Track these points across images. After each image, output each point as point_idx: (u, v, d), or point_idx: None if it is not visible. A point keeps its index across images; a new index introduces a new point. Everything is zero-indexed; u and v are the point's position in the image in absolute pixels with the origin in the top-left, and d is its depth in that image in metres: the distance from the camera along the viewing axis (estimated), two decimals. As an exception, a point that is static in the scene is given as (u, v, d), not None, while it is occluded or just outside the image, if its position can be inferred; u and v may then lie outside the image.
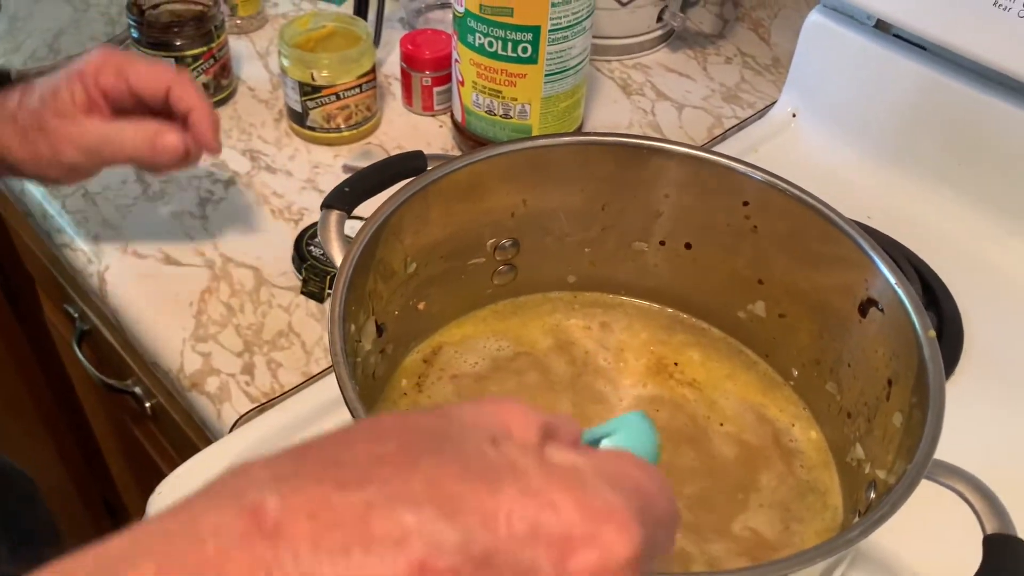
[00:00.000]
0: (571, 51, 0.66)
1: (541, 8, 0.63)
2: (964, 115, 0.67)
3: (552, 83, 0.67)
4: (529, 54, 0.65)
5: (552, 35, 0.64)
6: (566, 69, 0.67)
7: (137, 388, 0.75)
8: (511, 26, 0.63)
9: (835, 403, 0.49)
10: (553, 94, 0.68)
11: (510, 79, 0.66)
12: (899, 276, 0.43)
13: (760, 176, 0.48)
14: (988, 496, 0.37)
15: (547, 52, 0.65)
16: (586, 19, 0.66)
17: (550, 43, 0.65)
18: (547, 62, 0.66)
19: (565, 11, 0.64)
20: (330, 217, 0.46)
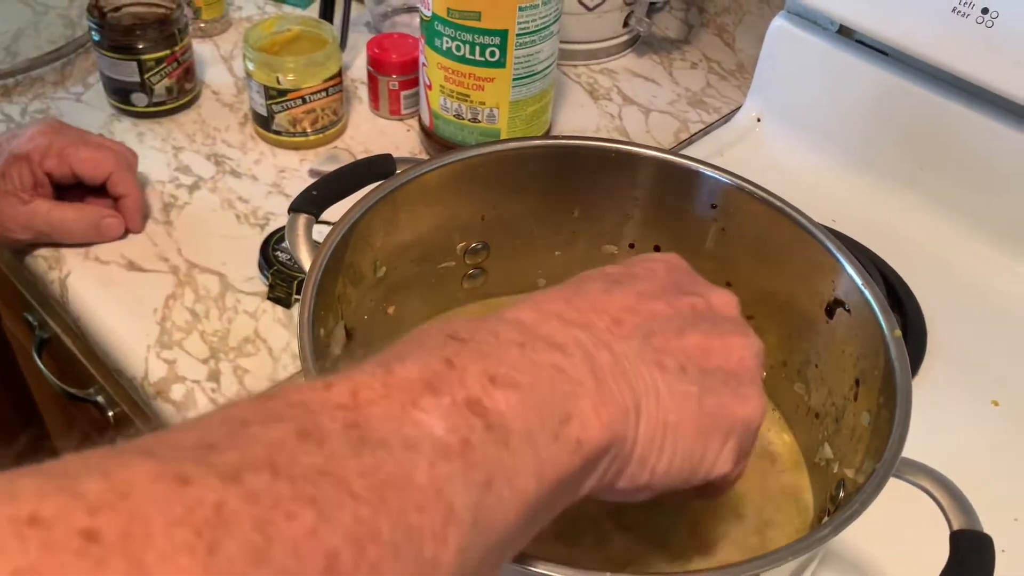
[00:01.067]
0: (539, 55, 0.66)
1: (508, 12, 0.63)
2: (925, 119, 0.68)
3: (520, 87, 0.67)
4: (497, 58, 0.65)
5: (520, 39, 0.64)
6: (534, 73, 0.67)
7: (100, 397, 0.73)
8: (479, 30, 0.63)
9: (803, 404, 0.49)
10: (521, 98, 0.68)
11: (478, 83, 0.66)
12: (866, 277, 0.44)
13: (728, 179, 0.49)
14: (954, 493, 0.38)
15: (515, 56, 0.65)
16: (554, 23, 0.66)
17: (518, 47, 0.65)
18: (515, 66, 0.66)
19: (533, 15, 0.64)
20: (298, 221, 0.45)
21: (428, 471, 0.24)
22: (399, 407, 0.25)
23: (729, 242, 0.50)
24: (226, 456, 0.21)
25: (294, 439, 0.23)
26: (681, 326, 0.34)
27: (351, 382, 0.25)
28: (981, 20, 0.61)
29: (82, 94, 0.79)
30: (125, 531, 0.18)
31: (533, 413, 0.27)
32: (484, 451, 0.25)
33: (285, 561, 0.20)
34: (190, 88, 0.77)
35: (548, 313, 0.32)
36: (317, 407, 0.24)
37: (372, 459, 0.23)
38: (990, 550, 0.35)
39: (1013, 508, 0.52)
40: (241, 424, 0.23)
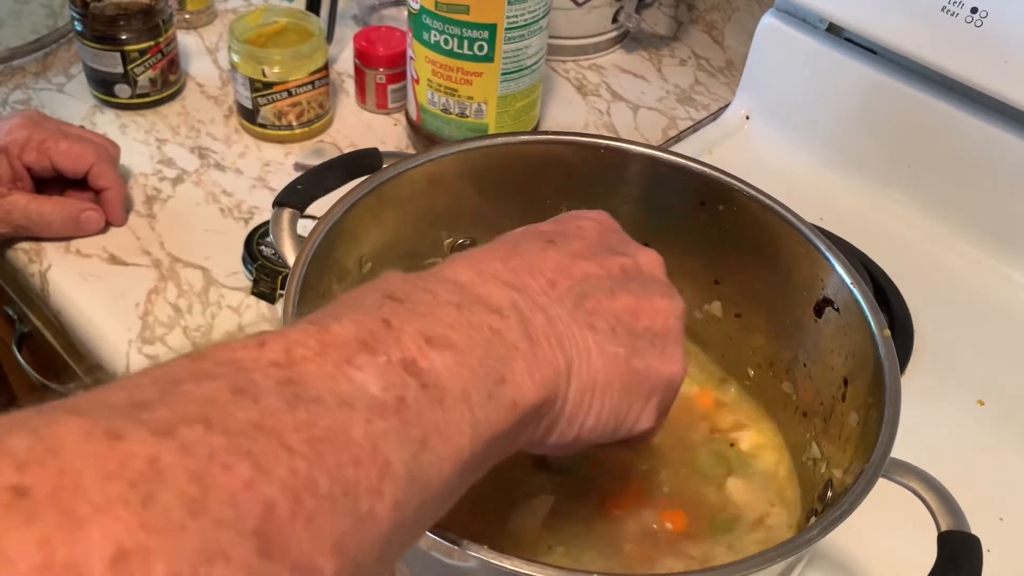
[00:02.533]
0: (528, 50, 0.66)
1: (497, 6, 0.62)
2: (914, 118, 0.68)
3: (508, 82, 0.66)
4: (485, 52, 0.64)
5: (508, 33, 0.64)
6: (523, 68, 0.66)
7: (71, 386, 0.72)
8: (467, 24, 0.63)
9: (791, 403, 0.49)
10: (509, 93, 0.67)
11: (466, 77, 0.65)
12: (855, 276, 0.43)
13: (717, 176, 0.49)
14: (942, 493, 0.37)
15: (503, 51, 0.64)
16: (543, 18, 0.65)
17: (506, 41, 0.64)
18: (503, 61, 0.65)
19: (521, 10, 0.63)
20: (282, 215, 0.45)
21: (364, 427, 0.24)
22: (334, 365, 0.25)
23: (718, 240, 0.50)
24: (159, 413, 0.21)
25: (228, 395, 0.23)
26: (612, 287, 0.35)
27: (285, 339, 0.25)
28: (970, 19, 0.61)
29: (64, 85, 0.78)
30: (56, 486, 0.18)
31: (468, 373, 0.28)
32: (419, 409, 0.26)
33: (222, 511, 0.20)
34: (174, 80, 0.76)
35: (485, 274, 0.32)
36: (250, 365, 0.24)
37: (307, 415, 0.23)
38: (978, 551, 0.35)
39: (999, 508, 0.52)
40: (173, 382, 0.23)
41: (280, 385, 0.24)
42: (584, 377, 0.33)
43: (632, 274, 0.37)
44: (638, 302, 0.35)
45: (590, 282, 0.35)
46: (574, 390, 0.32)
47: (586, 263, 0.35)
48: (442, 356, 0.27)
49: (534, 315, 0.32)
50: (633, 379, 0.34)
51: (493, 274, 0.33)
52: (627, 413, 0.35)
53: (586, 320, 0.33)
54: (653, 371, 0.35)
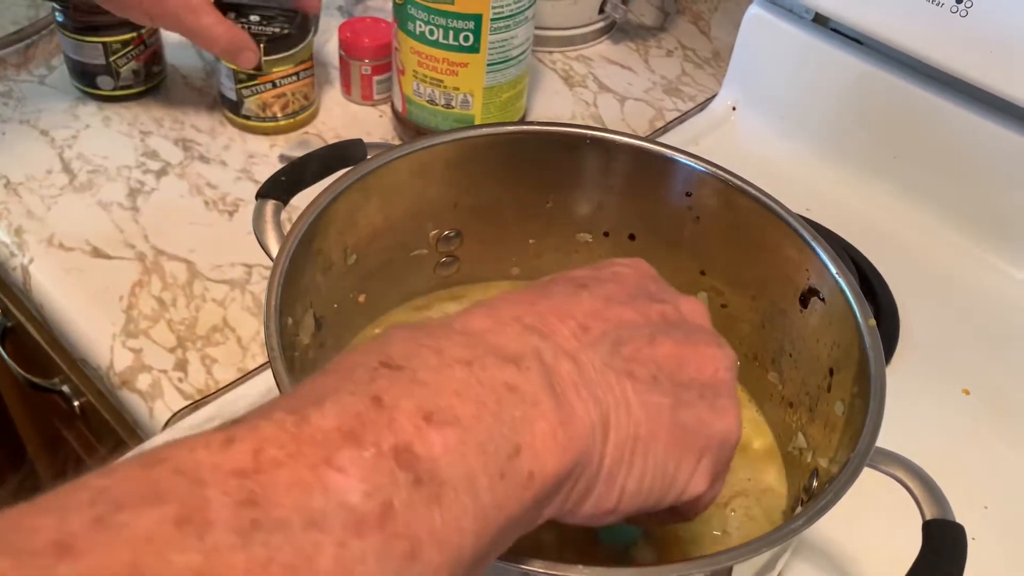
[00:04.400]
0: (513, 41, 0.65)
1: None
2: (900, 109, 0.68)
3: (494, 73, 0.66)
4: (471, 43, 0.64)
5: (494, 24, 0.63)
6: (509, 59, 0.66)
7: (65, 387, 0.72)
8: (452, 14, 0.62)
9: (777, 393, 0.49)
10: (496, 84, 0.67)
11: (451, 68, 0.65)
12: (840, 266, 0.43)
13: (703, 167, 0.48)
14: (927, 482, 0.38)
15: (489, 41, 0.64)
16: (529, 8, 0.65)
17: (492, 32, 0.64)
18: (489, 51, 0.65)
19: (508, 0, 0.63)
20: (265, 207, 0.44)
21: (335, 553, 0.21)
22: (309, 469, 0.21)
23: (704, 231, 0.50)
24: (81, 564, 0.18)
25: (171, 528, 0.19)
26: (652, 334, 0.32)
27: (256, 437, 0.22)
28: (956, 9, 0.61)
29: (46, 77, 0.77)
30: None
31: (475, 452, 0.24)
32: (409, 515, 0.22)
33: None
34: (158, 71, 0.75)
35: (505, 318, 0.29)
36: (209, 475, 0.21)
37: (264, 549, 0.20)
38: (962, 540, 0.35)
39: (983, 496, 0.53)
40: (112, 506, 0.19)
41: (238, 507, 0.20)
42: (623, 431, 0.29)
43: (674, 321, 0.33)
44: (682, 350, 0.32)
45: (628, 328, 0.31)
46: (613, 445, 0.29)
47: (622, 308, 0.32)
48: (443, 436, 0.24)
49: (560, 363, 0.28)
50: (680, 433, 0.30)
51: (514, 317, 0.29)
52: (675, 474, 0.31)
53: (623, 367, 0.30)
54: (703, 425, 0.31)
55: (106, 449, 0.72)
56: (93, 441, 0.75)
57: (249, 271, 0.62)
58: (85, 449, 0.80)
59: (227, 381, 0.55)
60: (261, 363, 0.56)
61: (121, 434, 0.63)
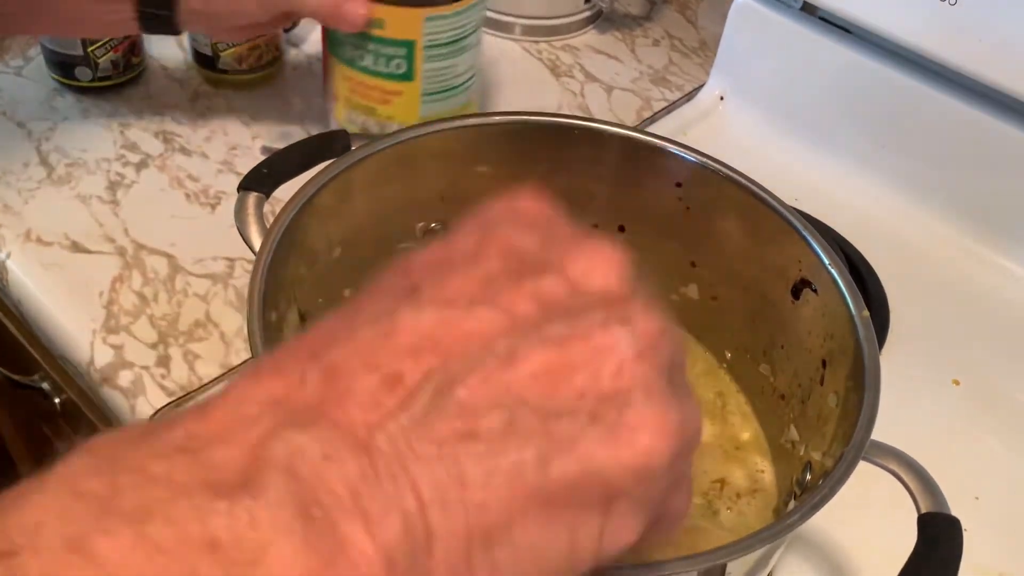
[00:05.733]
0: (453, 69, 0.60)
1: (413, 22, 0.56)
2: (889, 98, 0.68)
3: (432, 103, 0.61)
4: (403, 71, 0.59)
5: (429, 52, 0.58)
6: (448, 88, 0.61)
7: (45, 384, 0.71)
8: (382, 39, 0.57)
9: (769, 385, 0.49)
10: (434, 114, 0.61)
11: (384, 96, 0.60)
12: (833, 257, 0.43)
13: (693, 157, 0.48)
14: (922, 475, 0.37)
15: (424, 70, 0.59)
16: (471, 35, 0.60)
17: (427, 60, 0.58)
18: (424, 80, 0.59)
19: (443, 26, 0.58)
20: (248, 199, 0.43)
21: None
22: None
23: (694, 221, 0.50)
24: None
25: None
26: (512, 347, 0.22)
27: None
28: (945, -3, 0.60)
29: (22, 68, 0.75)
30: None
31: None
32: None
33: None
34: (137, 62, 0.74)
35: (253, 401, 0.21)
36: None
37: None
38: (958, 532, 0.35)
39: (974, 487, 0.52)
40: None
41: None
42: (456, 528, 0.20)
43: (557, 304, 0.23)
44: (561, 356, 0.22)
45: (472, 351, 0.21)
46: (443, 554, 0.20)
47: (471, 316, 0.22)
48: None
49: (330, 467, 0.19)
50: (559, 493, 0.21)
51: (269, 397, 0.21)
52: (573, 545, 0.22)
53: (454, 428, 0.20)
54: (596, 464, 0.21)
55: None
56: (75, 439, 0.74)
57: (232, 265, 0.61)
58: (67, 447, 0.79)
59: (210, 377, 0.54)
60: (245, 358, 0.55)
61: (103, 431, 0.62)
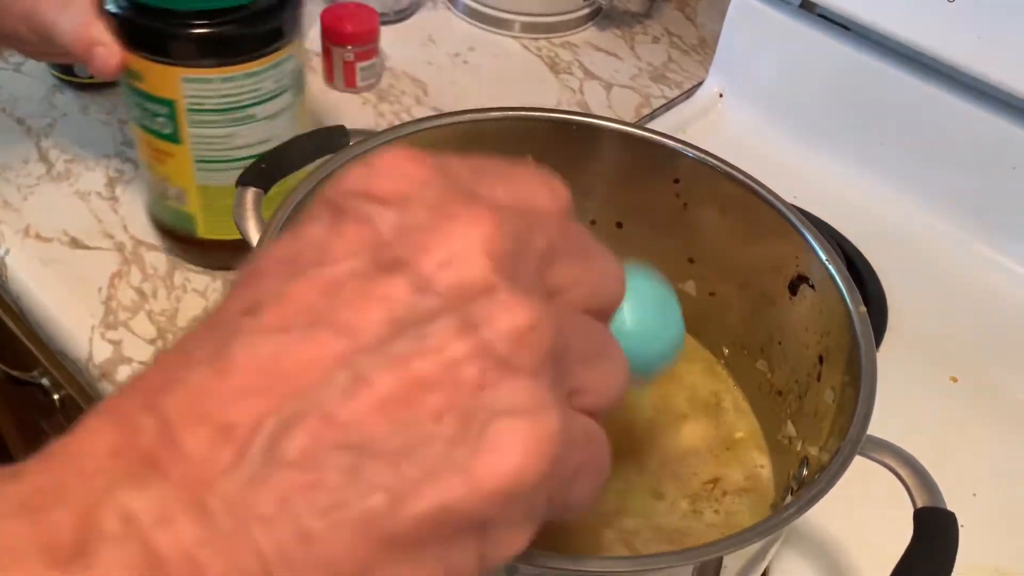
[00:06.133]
0: (232, 140, 0.53)
1: (171, 80, 0.50)
2: (888, 95, 0.68)
3: (209, 173, 0.54)
4: (169, 131, 0.52)
5: (194, 116, 0.51)
6: (228, 160, 0.53)
7: (44, 380, 0.71)
8: (144, 94, 0.52)
9: (766, 381, 0.49)
10: (213, 185, 0.55)
11: (158, 155, 0.54)
12: (831, 253, 0.43)
13: (692, 153, 0.48)
14: (918, 470, 0.37)
15: (191, 135, 0.52)
16: (254, 106, 0.52)
17: (193, 125, 0.52)
18: (194, 146, 0.53)
19: (207, 91, 0.51)
20: (246, 195, 0.43)
21: None
22: None
23: (692, 218, 0.50)
24: None
25: None
26: (356, 374, 0.19)
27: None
28: (943, -6, 0.60)
29: (21, 64, 0.75)
30: None
31: None
32: None
33: None
34: (136, 58, 0.74)
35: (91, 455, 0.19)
36: None
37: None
38: (954, 528, 0.35)
39: (971, 483, 0.52)
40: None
41: None
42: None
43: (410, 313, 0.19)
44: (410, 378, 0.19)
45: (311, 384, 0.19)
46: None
47: (306, 342, 0.19)
48: None
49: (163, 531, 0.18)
50: (418, 534, 0.19)
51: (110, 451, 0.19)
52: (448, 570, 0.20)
53: (293, 480, 0.18)
54: (453, 502, 0.19)
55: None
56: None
57: (231, 261, 0.61)
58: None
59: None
60: (243, 354, 0.55)
61: None
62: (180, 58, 0.49)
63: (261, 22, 0.50)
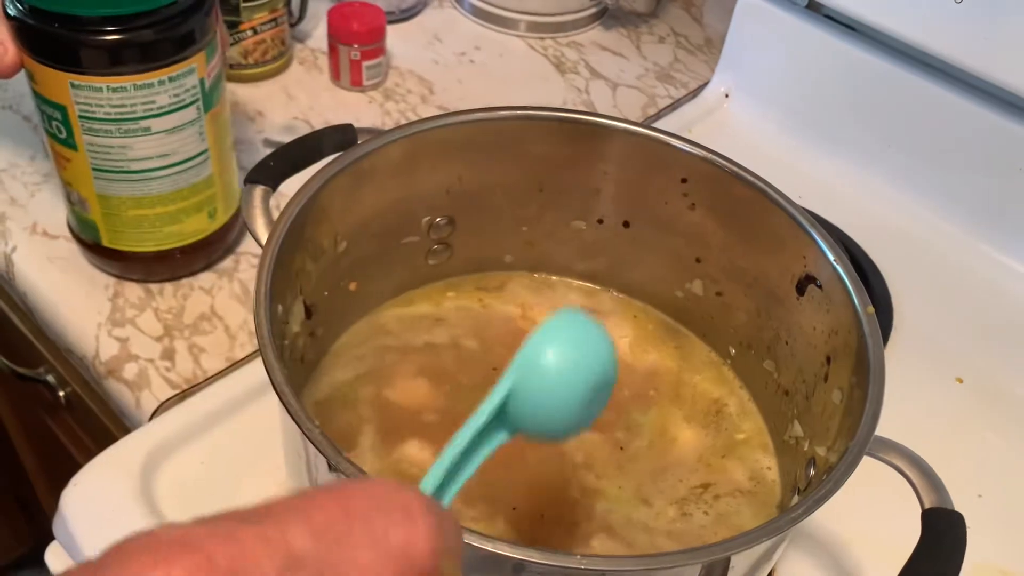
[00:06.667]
0: (127, 152, 0.51)
1: (59, 85, 0.49)
2: (893, 96, 0.68)
3: (106, 182, 0.53)
4: (64, 136, 0.51)
5: (87, 124, 0.50)
6: (125, 171, 0.52)
7: (50, 376, 0.71)
8: (40, 96, 0.51)
9: (772, 381, 0.49)
10: (112, 195, 0.54)
11: (60, 160, 0.53)
12: (838, 253, 0.43)
13: (699, 153, 0.48)
14: (925, 470, 0.37)
15: (86, 142, 0.51)
16: (149, 119, 0.50)
17: (87, 133, 0.51)
18: (90, 154, 0.52)
19: (97, 99, 0.49)
20: (254, 192, 0.43)
21: None
22: None
23: (699, 217, 0.50)
24: None
25: None
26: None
27: None
28: (951, -5, 0.60)
29: (28, 61, 0.75)
30: None
31: None
32: None
33: None
34: (142, 56, 0.74)
35: None
36: None
37: None
38: (962, 528, 0.35)
39: (977, 484, 0.52)
40: None
41: None
42: None
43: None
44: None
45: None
46: None
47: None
48: None
49: None
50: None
51: None
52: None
53: None
54: None
55: (92, 440, 0.71)
56: (79, 432, 0.74)
57: (237, 258, 0.61)
58: (71, 440, 0.79)
59: (215, 370, 0.54)
60: (250, 352, 0.55)
61: (107, 424, 0.63)
62: (68, 64, 0.48)
63: (152, 35, 0.48)
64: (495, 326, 0.53)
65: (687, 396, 0.51)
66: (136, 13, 0.48)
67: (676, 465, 0.47)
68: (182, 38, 0.50)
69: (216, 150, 0.55)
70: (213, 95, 0.53)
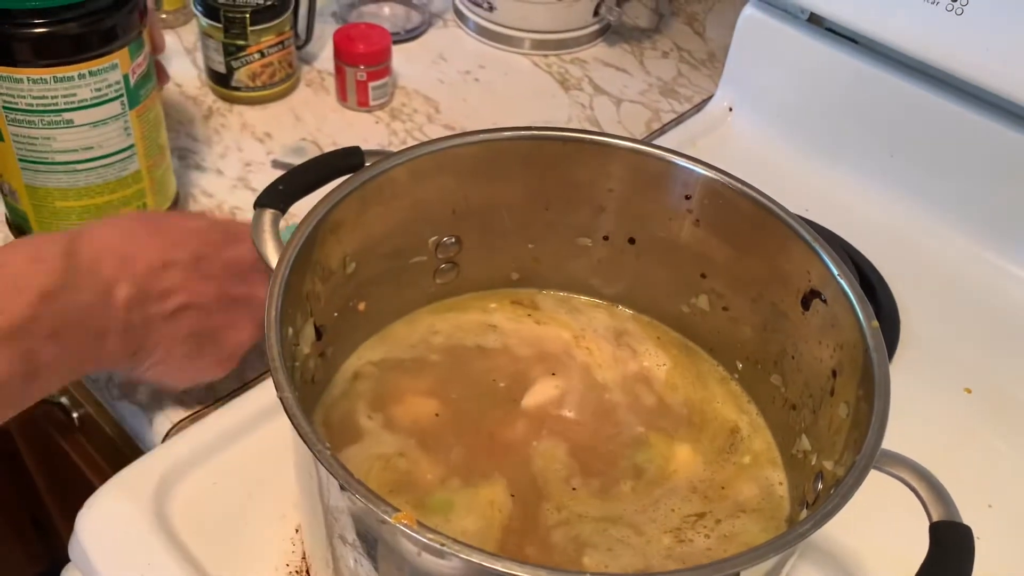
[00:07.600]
0: (52, 143, 0.53)
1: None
2: (896, 108, 0.68)
3: (33, 173, 0.54)
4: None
5: (11, 114, 0.51)
6: (50, 163, 0.53)
7: (63, 398, 0.71)
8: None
9: (779, 395, 0.49)
10: (40, 186, 0.55)
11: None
12: (842, 267, 0.43)
13: (702, 169, 0.48)
14: (933, 484, 0.37)
15: (11, 133, 0.52)
16: (71, 111, 0.52)
17: (11, 123, 0.52)
18: (16, 145, 0.53)
19: (20, 91, 0.50)
20: (264, 216, 0.44)
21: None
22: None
23: (704, 233, 0.50)
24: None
25: None
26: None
27: None
28: (951, 7, 0.61)
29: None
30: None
31: None
32: None
33: None
34: (152, 80, 0.75)
35: None
36: None
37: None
38: (970, 541, 0.35)
39: (987, 495, 0.52)
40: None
41: None
42: None
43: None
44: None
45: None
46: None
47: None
48: None
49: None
50: None
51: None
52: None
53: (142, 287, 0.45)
54: None
55: (106, 461, 0.71)
56: (92, 453, 0.75)
57: (247, 280, 0.61)
58: (85, 461, 0.80)
59: (227, 391, 0.55)
60: (261, 372, 0.56)
61: (120, 446, 0.63)
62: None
63: (70, 28, 0.50)
64: (503, 343, 0.53)
65: (708, 421, 0.50)
66: (58, 7, 0.49)
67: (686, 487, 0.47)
68: (104, 33, 0.51)
69: (143, 145, 0.57)
70: (139, 92, 0.55)
